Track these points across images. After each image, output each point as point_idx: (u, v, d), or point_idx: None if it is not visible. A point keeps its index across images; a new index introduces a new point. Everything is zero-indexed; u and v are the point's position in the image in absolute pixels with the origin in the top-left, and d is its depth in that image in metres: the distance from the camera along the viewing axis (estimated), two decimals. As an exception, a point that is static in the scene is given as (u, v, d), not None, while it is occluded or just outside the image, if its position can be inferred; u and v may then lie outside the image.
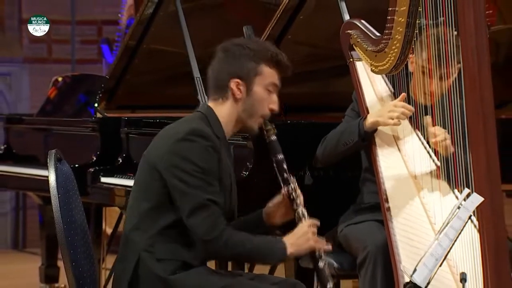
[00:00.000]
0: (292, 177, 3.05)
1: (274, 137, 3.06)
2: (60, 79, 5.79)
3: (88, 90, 5.42)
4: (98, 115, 5.06)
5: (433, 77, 3.32)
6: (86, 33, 8.44)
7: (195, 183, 2.80)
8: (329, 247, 3.02)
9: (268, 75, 2.97)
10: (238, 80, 2.94)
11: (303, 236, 2.94)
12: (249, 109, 2.97)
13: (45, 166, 2.96)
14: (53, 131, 5.29)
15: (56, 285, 5.61)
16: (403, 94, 3.35)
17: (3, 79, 8.32)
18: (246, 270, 4.54)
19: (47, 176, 2.87)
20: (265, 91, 2.97)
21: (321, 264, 2.99)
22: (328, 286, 2.98)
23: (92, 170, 4.59)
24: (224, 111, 2.97)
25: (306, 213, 3.02)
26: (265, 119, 3.01)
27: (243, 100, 2.96)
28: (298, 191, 3.05)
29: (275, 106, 3.00)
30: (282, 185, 3.05)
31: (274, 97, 3.00)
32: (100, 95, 5.12)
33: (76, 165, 4.54)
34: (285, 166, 3.05)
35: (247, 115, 2.97)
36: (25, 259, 7.43)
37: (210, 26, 4.86)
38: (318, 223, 3.00)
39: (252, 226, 3.07)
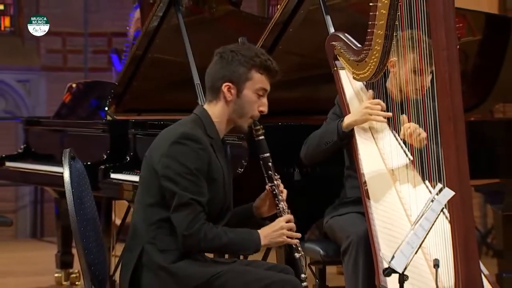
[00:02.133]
0: (276, 175, 3.02)
1: (262, 137, 3.02)
2: (74, 85, 5.78)
3: (99, 95, 5.42)
4: (108, 117, 5.06)
5: (423, 75, 3.31)
6: (97, 44, 8.45)
7: (183, 183, 2.79)
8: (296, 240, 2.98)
9: (258, 80, 2.93)
10: (230, 84, 2.91)
11: (278, 231, 2.92)
12: (239, 110, 2.94)
13: (60, 164, 2.95)
14: (67, 132, 5.28)
15: (71, 270, 5.60)
16: (371, 91, 3.34)
17: (23, 86, 8.32)
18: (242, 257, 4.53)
19: (62, 173, 2.86)
20: (254, 94, 2.94)
21: (296, 255, 2.97)
22: (302, 276, 2.95)
23: (103, 167, 4.58)
24: (216, 111, 2.94)
25: (286, 209, 2.99)
26: (254, 120, 2.98)
27: (233, 102, 2.93)
28: (281, 188, 3.03)
29: (264, 108, 2.97)
30: (267, 181, 3.03)
31: (264, 100, 2.97)
32: (110, 99, 5.12)
33: (88, 163, 4.53)
34: (270, 164, 3.01)
35: (237, 116, 2.95)
36: (42, 247, 7.43)
37: (209, 37, 4.85)
38: (292, 218, 2.96)
39: (243, 217, 3.07)
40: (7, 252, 7.03)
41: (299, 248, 2.99)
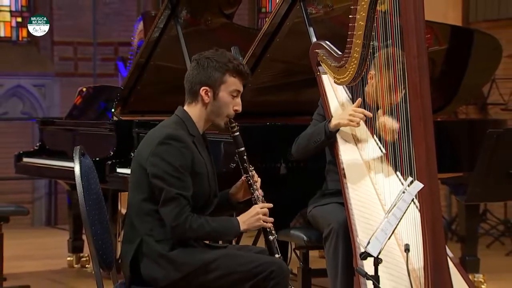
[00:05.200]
0: (250, 167, 2.98)
1: (237, 133, 2.97)
2: (84, 89, 5.75)
3: (107, 98, 5.38)
4: (115, 118, 5.03)
5: (397, 91, 3.28)
6: (105, 53, 8.42)
7: (170, 180, 2.75)
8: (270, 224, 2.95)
9: (232, 83, 2.89)
10: (207, 88, 2.87)
11: (254, 216, 2.90)
12: (216, 110, 2.89)
13: (71, 159, 2.92)
14: (78, 131, 5.25)
15: (81, 254, 5.59)
16: (359, 100, 3.33)
17: (39, 90, 8.30)
18: (234, 243, 4.51)
19: (74, 167, 2.83)
20: (229, 96, 2.89)
21: (270, 237, 2.94)
22: (276, 255, 2.92)
23: (110, 162, 4.55)
24: (195, 112, 2.90)
25: (260, 196, 2.97)
26: (230, 118, 2.93)
27: (210, 104, 2.88)
28: (256, 177, 2.99)
29: (238, 107, 2.92)
30: (242, 172, 2.99)
31: (238, 100, 2.92)
32: (116, 102, 5.09)
33: (97, 159, 4.50)
34: (245, 158, 2.97)
35: (214, 115, 2.90)
36: (56, 234, 7.39)
37: (205, 46, 4.79)
38: (271, 205, 2.95)
39: (222, 202, 3.02)
40: (25, 238, 6.99)
41: (273, 231, 2.96)
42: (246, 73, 2.92)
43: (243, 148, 2.98)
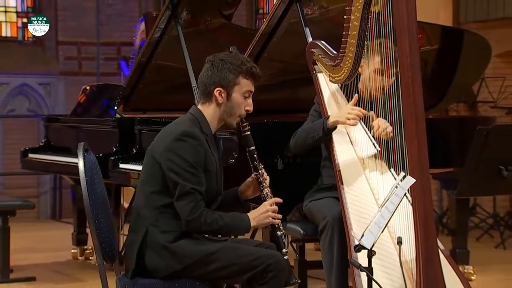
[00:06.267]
0: (260, 165, 2.99)
1: (248, 132, 2.99)
2: (88, 87, 5.74)
3: (109, 96, 5.38)
4: (117, 115, 5.02)
5: (389, 75, 3.28)
6: (108, 52, 8.41)
7: (184, 175, 2.76)
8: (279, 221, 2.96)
9: (244, 84, 2.90)
10: (220, 89, 2.88)
11: (264, 213, 2.91)
12: (228, 110, 2.91)
13: (76, 155, 2.92)
14: (82, 128, 5.25)
15: (85, 247, 5.58)
16: (356, 96, 3.32)
17: (44, 88, 8.29)
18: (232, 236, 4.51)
19: (78, 163, 2.83)
20: (241, 97, 2.91)
21: (278, 233, 2.96)
22: (283, 250, 2.94)
23: (113, 158, 4.55)
24: (209, 111, 2.91)
25: (270, 194, 2.98)
26: (241, 118, 2.95)
27: (224, 104, 2.90)
28: (265, 175, 3.00)
29: (250, 108, 2.94)
30: (252, 170, 2.99)
31: (249, 101, 2.94)
32: (119, 100, 5.08)
33: (100, 155, 4.49)
34: (255, 156, 2.98)
35: (227, 115, 2.92)
36: (61, 227, 7.38)
37: (204, 46, 4.82)
38: (281, 200, 2.95)
39: (230, 199, 3.04)
40: (30, 231, 6.99)
41: (281, 227, 2.97)
42: (258, 75, 2.93)
43: (253, 147, 2.98)
